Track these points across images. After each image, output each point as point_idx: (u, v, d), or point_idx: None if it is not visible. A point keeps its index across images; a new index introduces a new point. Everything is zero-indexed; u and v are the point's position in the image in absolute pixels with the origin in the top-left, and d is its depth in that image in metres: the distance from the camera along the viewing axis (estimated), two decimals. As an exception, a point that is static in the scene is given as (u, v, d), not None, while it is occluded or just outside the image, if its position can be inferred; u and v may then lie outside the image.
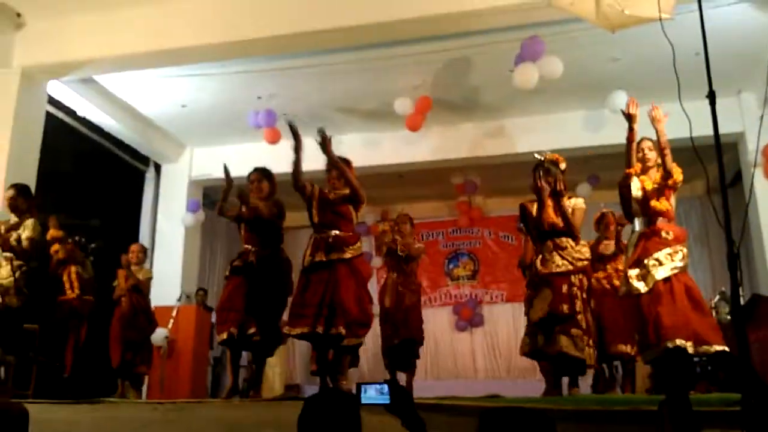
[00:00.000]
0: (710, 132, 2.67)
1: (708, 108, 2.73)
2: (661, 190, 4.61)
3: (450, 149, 9.50)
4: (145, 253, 7.39)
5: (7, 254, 5.65)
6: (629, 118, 4.79)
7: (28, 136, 7.29)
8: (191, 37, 7.04)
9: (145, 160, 10.20)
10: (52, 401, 5.22)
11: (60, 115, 8.36)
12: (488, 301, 11.62)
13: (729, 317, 7.24)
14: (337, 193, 5.22)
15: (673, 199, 4.68)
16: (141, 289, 7.04)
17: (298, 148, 5.09)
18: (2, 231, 5.73)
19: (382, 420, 2.24)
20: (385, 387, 2.15)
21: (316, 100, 8.79)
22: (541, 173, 5.01)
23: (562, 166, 5.14)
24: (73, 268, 7.03)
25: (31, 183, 7.21)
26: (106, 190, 9.23)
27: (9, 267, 5.62)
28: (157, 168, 10.36)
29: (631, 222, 4.87)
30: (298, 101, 8.70)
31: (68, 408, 4.78)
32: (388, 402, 2.14)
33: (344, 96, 8.73)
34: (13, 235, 5.69)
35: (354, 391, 2.18)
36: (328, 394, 2.03)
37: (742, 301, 3.88)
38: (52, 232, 6.82)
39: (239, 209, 5.36)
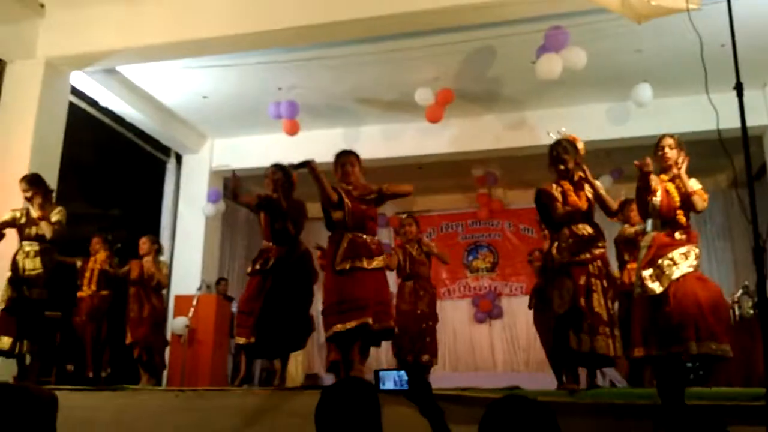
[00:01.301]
0: (735, 125, 2.64)
1: (732, 100, 2.69)
2: (684, 207, 4.52)
3: (471, 141, 9.45)
4: (154, 245, 7.19)
5: (35, 244, 5.67)
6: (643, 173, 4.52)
7: (52, 126, 7.37)
8: (212, 28, 7.06)
9: (166, 150, 10.26)
10: (74, 387, 5.30)
11: (83, 105, 8.43)
12: (507, 293, 11.59)
13: (752, 311, 7.15)
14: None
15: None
16: (146, 281, 6.93)
17: (318, 180, 5.10)
18: (24, 221, 5.73)
19: (401, 408, 2.24)
20: (404, 374, 2.14)
21: (336, 91, 8.78)
22: (561, 151, 4.81)
23: (580, 146, 4.95)
24: (95, 265, 7.03)
25: (54, 173, 7.30)
26: (127, 180, 9.32)
27: (38, 259, 5.65)
28: (178, 158, 10.43)
29: (645, 221, 4.76)
30: (317, 92, 8.70)
31: (90, 395, 4.85)
32: (406, 389, 2.12)
33: (364, 87, 8.71)
34: (41, 225, 5.67)
35: (372, 379, 2.17)
36: (347, 383, 2.02)
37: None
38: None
39: (257, 197, 5.35)
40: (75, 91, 8.08)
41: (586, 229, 4.63)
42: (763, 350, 2.34)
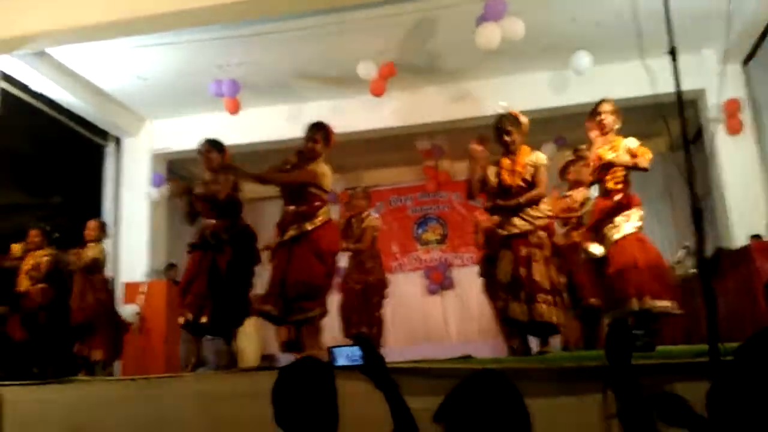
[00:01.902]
0: (672, 89, 2.69)
1: (669, 65, 2.74)
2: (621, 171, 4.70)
3: (415, 114, 9.45)
4: (103, 230, 7.01)
5: None
6: None
7: (-18, 113, 7.09)
8: (148, 6, 6.82)
9: (104, 134, 9.97)
10: (22, 383, 5.16)
11: (14, 91, 8.10)
12: (458, 264, 11.70)
13: (694, 271, 7.39)
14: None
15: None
16: (92, 269, 6.72)
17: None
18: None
19: (356, 383, 2.24)
20: (357, 350, 2.14)
21: (278, 68, 8.65)
22: (506, 125, 4.87)
23: (524, 120, 4.98)
24: (30, 260, 6.83)
25: (-12, 162, 7.04)
26: (65, 167, 9.03)
27: None
28: (118, 142, 10.14)
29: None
30: (259, 69, 8.55)
31: (39, 388, 4.73)
32: (360, 364, 2.13)
33: (306, 63, 8.60)
34: None
35: (327, 356, 2.17)
36: (302, 363, 2.02)
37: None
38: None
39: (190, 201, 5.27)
40: (5, 76, 7.77)
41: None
42: (705, 308, 2.42)
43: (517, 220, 4.68)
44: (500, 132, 4.86)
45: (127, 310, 7.68)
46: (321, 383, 1.97)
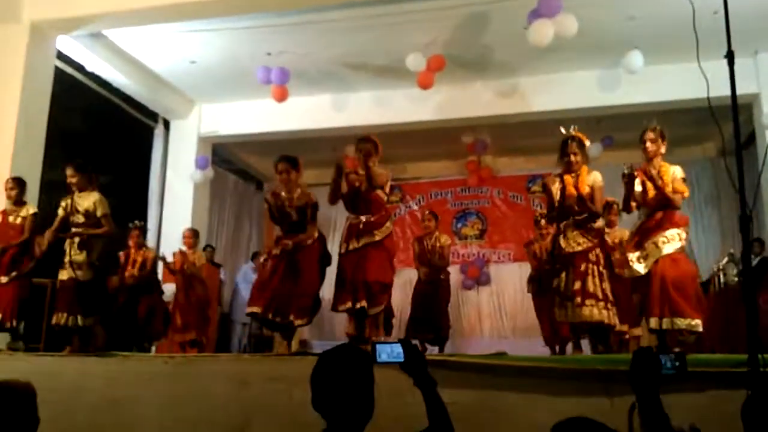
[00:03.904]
0: (726, 92, 2.63)
1: (723, 68, 2.68)
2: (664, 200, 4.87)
3: (461, 108, 9.40)
4: (197, 237, 8.20)
5: (79, 230, 5.71)
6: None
7: (38, 92, 7.27)
8: (200, -8, 6.96)
9: (154, 116, 10.15)
10: (63, 354, 5.32)
11: (69, 70, 8.30)
12: (495, 260, 11.64)
13: (736, 279, 7.24)
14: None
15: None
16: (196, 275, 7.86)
17: None
18: (69, 209, 5.78)
19: (396, 378, 2.28)
20: (398, 347, 2.19)
21: (326, 57, 8.69)
22: (573, 146, 5.14)
23: (587, 144, 5.28)
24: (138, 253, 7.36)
25: (41, 139, 7.23)
26: (115, 146, 9.23)
27: (82, 243, 5.71)
28: (166, 124, 10.32)
29: (628, 212, 5.19)
30: (307, 58, 8.60)
31: (78, 360, 4.87)
32: (401, 361, 2.18)
33: (354, 52, 8.62)
34: (81, 212, 5.74)
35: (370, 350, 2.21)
36: (343, 350, 2.05)
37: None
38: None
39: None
40: (61, 56, 7.95)
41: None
42: (746, 317, 2.38)
43: (580, 238, 5.05)
44: (566, 153, 5.15)
45: (168, 289, 7.87)
46: (359, 370, 2.00)
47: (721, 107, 2.89)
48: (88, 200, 5.73)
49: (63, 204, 5.80)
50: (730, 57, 2.60)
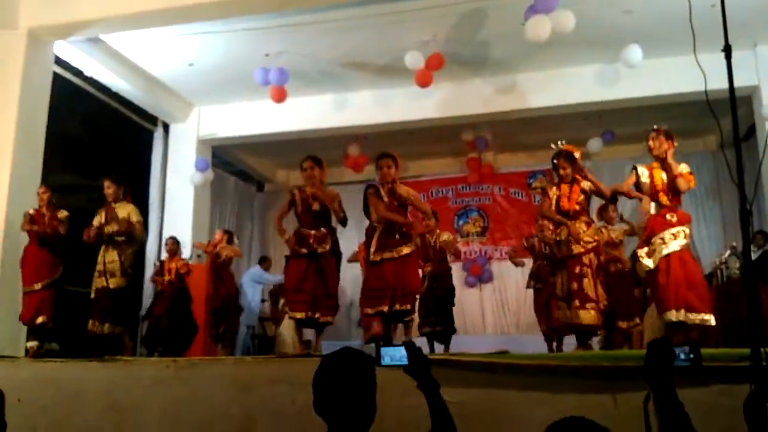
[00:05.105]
0: (725, 86, 2.61)
1: (723, 60, 2.66)
2: (671, 190, 5.15)
3: (461, 105, 9.39)
4: (231, 238, 8.62)
5: (117, 239, 6.20)
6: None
7: (36, 97, 7.27)
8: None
9: (153, 119, 10.15)
10: (65, 360, 5.32)
11: (67, 75, 8.30)
12: (498, 257, 11.62)
13: (738, 272, 7.22)
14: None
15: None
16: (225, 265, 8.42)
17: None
18: (103, 220, 6.26)
19: (399, 380, 2.27)
20: (402, 351, 2.19)
21: (325, 57, 8.67)
22: (561, 161, 5.58)
23: (577, 155, 5.70)
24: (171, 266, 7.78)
25: (40, 144, 7.23)
26: (114, 151, 9.23)
27: (116, 251, 6.18)
28: (166, 127, 10.32)
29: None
30: (305, 58, 8.59)
31: (80, 366, 4.86)
32: (405, 364, 2.18)
33: (353, 52, 8.61)
34: (119, 220, 6.22)
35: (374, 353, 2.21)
36: (346, 354, 2.05)
37: (753, 257, 4.13)
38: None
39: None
40: (59, 62, 7.95)
41: (581, 228, 5.43)
42: (748, 310, 2.36)
43: (574, 244, 5.41)
44: (556, 167, 5.64)
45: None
46: (361, 374, 2.00)
47: (721, 100, 2.87)
48: (124, 210, 6.26)
49: (98, 215, 6.30)
50: (727, 51, 2.57)
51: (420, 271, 7.88)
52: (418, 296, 5.76)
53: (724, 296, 7.08)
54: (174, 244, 7.97)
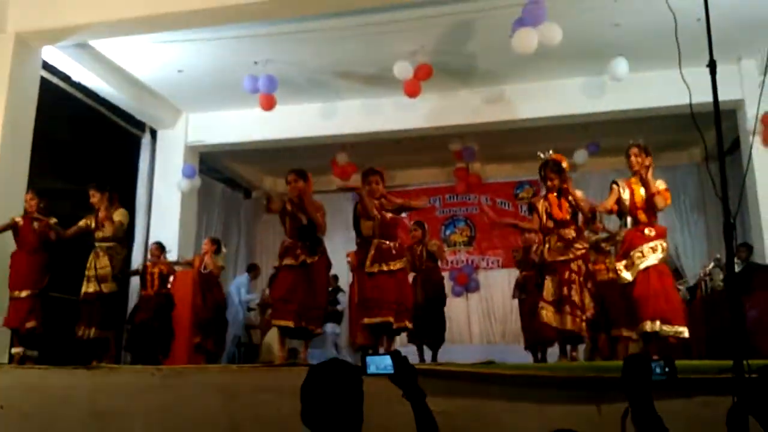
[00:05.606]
0: (710, 99, 2.65)
1: (708, 75, 2.70)
2: (649, 207, 5.29)
3: (448, 115, 9.43)
4: (219, 247, 8.52)
5: (108, 244, 6.37)
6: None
7: (23, 102, 7.23)
8: (186, 2, 6.93)
9: (140, 125, 10.11)
10: (50, 367, 5.27)
11: (55, 80, 8.25)
12: (484, 267, 11.67)
13: (722, 284, 7.28)
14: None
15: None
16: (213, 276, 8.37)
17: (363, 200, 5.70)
18: (92, 225, 6.42)
19: (385, 389, 2.28)
20: (388, 359, 2.20)
21: (314, 66, 8.70)
22: (548, 171, 5.63)
23: (564, 164, 5.77)
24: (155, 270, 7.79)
25: (27, 149, 7.19)
26: (102, 156, 9.17)
27: (107, 257, 6.32)
28: (153, 133, 10.28)
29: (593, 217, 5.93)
30: (295, 66, 8.61)
31: (66, 373, 4.82)
32: (391, 373, 2.19)
33: (342, 61, 8.64)
34: (111, 226, 6.38)
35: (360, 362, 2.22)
36: (333, 364, 2.07)
37: (736, 269, 4.18)
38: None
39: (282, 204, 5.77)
40: (47, 66, 7.91)
41: (570, 234, 5.50)
42: (731, 322, 2.39)
43: (564, 249, 5.49)
44: (543, 178, 5.70)
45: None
46: (348, 385, 2.01)
47: (706, 113, 2.91)
48: (118, 215, 6.43)
49: (86, 220, 6.46)
50: (712, 67, 2.61)
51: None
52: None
53: (708, 308, 7.13)
54: (158, 249, 7.95)
